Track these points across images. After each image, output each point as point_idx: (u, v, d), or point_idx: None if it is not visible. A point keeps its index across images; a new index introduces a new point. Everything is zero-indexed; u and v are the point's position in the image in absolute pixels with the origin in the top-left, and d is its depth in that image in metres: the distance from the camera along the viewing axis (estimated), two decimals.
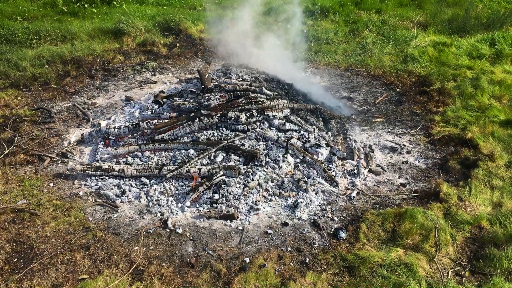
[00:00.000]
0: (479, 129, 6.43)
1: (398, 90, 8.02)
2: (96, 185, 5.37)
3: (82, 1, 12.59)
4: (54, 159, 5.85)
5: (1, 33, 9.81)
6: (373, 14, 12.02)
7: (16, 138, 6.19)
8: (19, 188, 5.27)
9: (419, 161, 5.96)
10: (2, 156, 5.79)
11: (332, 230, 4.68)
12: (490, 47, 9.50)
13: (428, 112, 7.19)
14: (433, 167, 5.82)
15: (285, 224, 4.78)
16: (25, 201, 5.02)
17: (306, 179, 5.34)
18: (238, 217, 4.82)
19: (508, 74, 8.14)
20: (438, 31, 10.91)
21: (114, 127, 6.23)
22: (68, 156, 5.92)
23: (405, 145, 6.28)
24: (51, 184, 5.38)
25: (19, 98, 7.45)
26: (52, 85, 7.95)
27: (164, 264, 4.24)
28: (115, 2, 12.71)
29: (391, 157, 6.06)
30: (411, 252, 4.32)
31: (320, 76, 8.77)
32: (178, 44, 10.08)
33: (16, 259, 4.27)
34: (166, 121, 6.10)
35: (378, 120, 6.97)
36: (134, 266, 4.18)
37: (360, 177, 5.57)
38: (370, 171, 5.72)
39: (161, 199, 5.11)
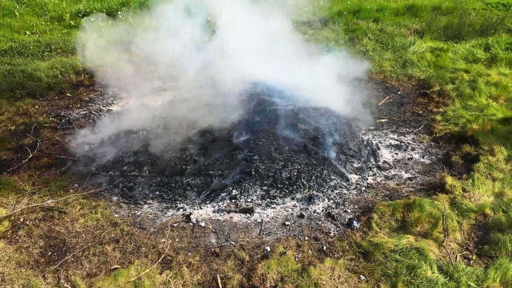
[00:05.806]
0: (478, 126, 6.77)
1: (399, 93, 8.38)
2: (119, 184, 5.65)
3: (88, 15, 12.96)
4: (77, 161, 6.14)
5: (13, 47, 10.13)
6: (371, 23, 12.44)
7: (38, 143, 6.47)
8: (45, 189, 5.54)
9: (423, 157, 6.28)
10: (27, 160, 6.08)
11: (346, 220, 4.98)
12: (485, 52, 9.89)
13: (429, 112, 7.54)
14: (437, 162, 6.15)
15: (301, 216, 5.07)
16: (53, 200, 5.30)
17: (319, 174, 5.64)
18: (256, 210, 5.11)
19: (504, 76, 8.52)
20: (434, 38, 11.32)
21: None
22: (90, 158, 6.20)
23: (409, 143, 6.61)
24: (76, 185, 5.65)
25: (37, 106, 7.74)
26: (67, 94, 8.26)
27: (190, 254, 4.51)
28: (120, 16, 13.07)
29: (397, 154, 6.38)
30: (421, 239, 4.62)
31: None
32: None
33: (50, 253, 4.53)
34: None
35: (382, 120, 7.31)
36: (163, 256, 4.45)
37: (369, 173, 5.88)
38: (378, 167, 6.04)
39: (183, 196, 5.39)
